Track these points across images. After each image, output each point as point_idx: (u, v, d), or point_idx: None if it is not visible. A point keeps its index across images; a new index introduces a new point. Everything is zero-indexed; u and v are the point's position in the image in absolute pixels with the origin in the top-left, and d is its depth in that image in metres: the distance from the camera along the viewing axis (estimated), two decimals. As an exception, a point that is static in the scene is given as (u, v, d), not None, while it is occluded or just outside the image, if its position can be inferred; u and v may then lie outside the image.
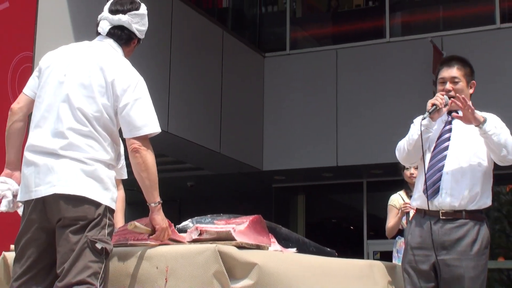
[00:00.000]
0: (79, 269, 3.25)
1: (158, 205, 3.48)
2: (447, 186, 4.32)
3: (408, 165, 4.65)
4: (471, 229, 4.30)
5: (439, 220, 4.32)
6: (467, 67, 4.57)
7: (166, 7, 10.52)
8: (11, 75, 6.89)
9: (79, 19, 8.58)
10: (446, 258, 4.24)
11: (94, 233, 3.31)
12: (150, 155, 3.44)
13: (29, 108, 3.64)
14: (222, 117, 11.71)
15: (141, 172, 3.42)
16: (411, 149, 4.45)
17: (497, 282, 13.32)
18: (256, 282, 3.20)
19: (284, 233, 4.07)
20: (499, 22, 12.13)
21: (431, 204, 4.31)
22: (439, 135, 4.48)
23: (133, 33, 3.71)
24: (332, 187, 14.21)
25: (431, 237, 4.26)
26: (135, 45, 3.78)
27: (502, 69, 11.66)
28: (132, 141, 3.43)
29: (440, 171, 4.36)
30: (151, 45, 9.39)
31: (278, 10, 14.61)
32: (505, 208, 13.65)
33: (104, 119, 3.45)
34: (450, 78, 4.49)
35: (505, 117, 4.56)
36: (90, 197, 3.34)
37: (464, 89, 4.49)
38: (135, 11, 3.71)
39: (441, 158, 4.41)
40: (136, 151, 3.41)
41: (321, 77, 12.77)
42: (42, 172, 3.38)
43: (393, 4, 13.45)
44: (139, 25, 3.72)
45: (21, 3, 7.22)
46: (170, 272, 3.30)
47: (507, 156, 4.28)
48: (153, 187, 3.46)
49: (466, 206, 4.32)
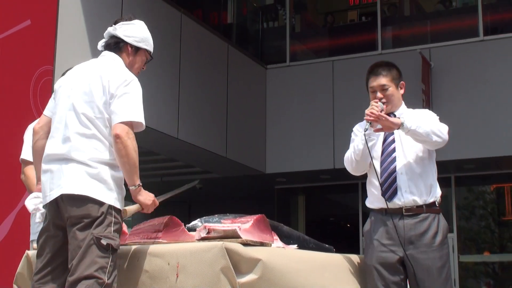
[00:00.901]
0: (87, 264, 3.25)
1: (138, 187, 3.50)
2: (405, 184, 4.21)
3: (358, 174, 4.47)
4: (432, 222, 4.19)
5: (402, 216, 4.20)
6: (393, 70, 4.42)
7: (176, 24, 10.54)
8: (33, 87, 6.90)
9: (96, 35, 8.58)
10: (414, 252, 4.13)
11: (99, 230, 3.31)
12: (131, 141, 3.41)
13: (48, 126, 3.66)
14: (228, 124, 11.71)
15: (122, 157, 3.40)
16: (359, 159, 4.32)
17: (483, 274, 13.31)
18: (260, 277, 3.20)
19: (286, 231, 4.06)
20: (483, 35, 12.12)
21: (392, 203, 4.21)
22: (384, 139, 4.36)
23: (120, 38, 3.70)
24: (330, 188, 14.20)
25: (397, 233, 4.16)
26: (133, 51, 3.72)
27: (485, 78, 11.66)
28: (115, 127, 3.41)
29: (394, 173, 4.25)
30: (162, 58, 9.39)
31: (278, 25, 14.62)
32: (490, 206, 13.63)
33: (105, 120, 3.46)
34: (378, 86, 4.35)
35: (487, 123, 4.54)
36: (93, 197, 3.35)
37: (394, 93, 4.36)
38: (124, 22, 3.76)
39: (391, 160, 4.29)
40: (117, 137, 3.38)
41: (319, 86, 12.77)
42: (56, 177, 3.43)
43: (385, 19, 13.47)
44: (127, 32, 3.71)
45: (41, 20, 7.23)
46: (180, 268, 3.30)
47: (439, 139, 4.13)
48: (133, 171, 3.44)
49: (426, 201, 4.21)
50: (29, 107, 6.80)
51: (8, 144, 6.52)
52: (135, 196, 3.53)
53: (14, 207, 6.46)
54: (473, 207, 13.46)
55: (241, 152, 12.07)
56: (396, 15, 14.14)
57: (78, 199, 3.35)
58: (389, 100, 4.35)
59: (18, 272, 3.95)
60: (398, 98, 4.42)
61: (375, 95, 4.37)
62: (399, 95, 4.43)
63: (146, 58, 3.80)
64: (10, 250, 6.15)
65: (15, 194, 6.47)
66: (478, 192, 13.57)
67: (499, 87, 11.47)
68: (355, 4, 14.77)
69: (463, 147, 11.14)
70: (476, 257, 13.30)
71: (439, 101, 11.60)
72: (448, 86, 11.79)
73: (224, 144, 11.53)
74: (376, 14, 13.34)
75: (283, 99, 13.02)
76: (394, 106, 4.40)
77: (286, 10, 14.22)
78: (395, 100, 4.39)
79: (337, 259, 4.10)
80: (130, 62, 3.70)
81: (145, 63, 3.82)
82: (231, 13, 13.99)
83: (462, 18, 13.39)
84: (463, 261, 12.83)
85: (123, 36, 3.69)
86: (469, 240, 13.37)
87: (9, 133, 6.60)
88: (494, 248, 13.41)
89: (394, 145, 4.33)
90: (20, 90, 6.82)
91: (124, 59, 3.69)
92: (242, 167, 12.44)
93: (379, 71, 4.39)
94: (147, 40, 3.77)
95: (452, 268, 12.45)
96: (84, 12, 8.48)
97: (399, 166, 4.27)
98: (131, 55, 3.72)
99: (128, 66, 3.68)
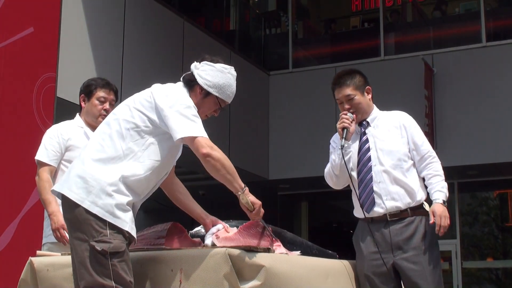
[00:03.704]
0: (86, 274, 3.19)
1: (244, 191, 3.50)
2: (385, 192, 4.18)
3: (340, 188, 4.46)
4: (419, 225, 4.16)
5: (387, 223, 4.17)
6: (356, 78, 4.38)
7: (178, 31, 10.55)
8: (35, 94, 6.92)
9: (99, 42, 8.61)
10: (404, 257, 4.10)
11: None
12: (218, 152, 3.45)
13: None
14: (231, 130, 11.72)
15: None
16: (338, 173, 4.30)
17: (486, 280, 13.29)
18: (263, 283, 3.19)
19: (289, 237, 4.06)
20: (485, 41, 12.13)
21: (373, 212, 4.19)
22: (359, 148, 4.33)
23: (193, 76, 3.57)
24: (333, 194, 14.07)
25: (385, 240, 4.15)
26: (202, 94, 3.58)
27: (488, 83, 11.66)
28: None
29: (371, 183, 4.22)
30: (164, 64, 9.41)
31: (281, 32, 14.65)
32: (493, 212, 13.62)
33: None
34: (344, 97, 4.34)
35: (490, 129, 4.54)
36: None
37: (361, 100, 4.33)
38: (208, 62, 3.60)
39: (367, 170, 4.25)
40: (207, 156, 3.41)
41: (321, 93, 12.74)
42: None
43: (387, 25, 13.49)
44: (205, 73, 3.56)
45: (44, 28, 7.25)
46: (184, 274, 3.30)
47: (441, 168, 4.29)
48: (235, 178, 3.46)
49: (409, 204, 4.18)
50: (32, 114, 6.81)
51: (11, 150, 6.54)
52: (240, 202, 3.53)
53: (18, 213, 6.47)
54: (476, 213, 13.45)
55: (244, 159, 12.07)
56: (399, 21, 14.15)
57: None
58: (357, 109, 4.33)
59: (21, 279, 3.93)
60: (367, 104, 4.38)
61: (343, 106, 4.36)
62: (367, 101, 4.39)
63: (219, 105, 3.66)
64: (13, 256, 6.16)
65: (19, 200, 6.48)
66: (481, 198, 13.56)
67: (502, 92, 11.47)
68: (358, 11, 14.78)
69: (466, 153, 11.15)
70: (479, 263, 13.28)
71: (442, 107, 11.60)
72: (450, 92, 11.79)
73: (227, 150, 11.53)
74: (378, 21, 13.36)
75: (285, 105, 13.03)
76: (364, 113, 4.37)
77: (289, 16, 14.24)
78: (364, 107, 4.36)
79: (340, 266, 4.10)
80: (197, 103, 3.56)
81: (217, 110, 3.70)
82: (233, 20, 14.01)
83: (465, 24, 13.41)
84: (467, 267, 12.81)
85: (197, 75, 3.56)
86: (473, 246, 13.35)
87: (12, 139, 6.61)
88: (497, 254, 13.39)
89: (370, 153, 4.30)
90: (23, 97, 6.83)
91: (192, 97, 3.56)
92: (245, 174, 12.42)
93: (341, 81, 4.38)
94: (221, 87, 3.59)
95: (456, 274, 12.43)
96: (87, 20, 8.50)
97: (376, 174, 4.24)
98: (200, 97, 3.58)
99: (196, 102, 3.57)
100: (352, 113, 4.29)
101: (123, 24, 9.21)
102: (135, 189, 3.36)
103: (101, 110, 4.74)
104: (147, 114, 3.42)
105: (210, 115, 3.71)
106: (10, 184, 6.48)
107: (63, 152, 4.65)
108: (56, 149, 4.64)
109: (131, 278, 3.23)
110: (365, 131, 4.37)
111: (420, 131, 4.39)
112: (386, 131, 4.33)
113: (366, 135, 4.35)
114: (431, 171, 4.24)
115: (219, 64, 3.61)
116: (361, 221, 4.33)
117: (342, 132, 4.23)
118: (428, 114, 11.18)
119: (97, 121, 4.68)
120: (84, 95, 4.82)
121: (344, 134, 4.21)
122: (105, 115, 4.68)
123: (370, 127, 4.38)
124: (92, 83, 4.82)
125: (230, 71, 3.65)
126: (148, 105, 3.44)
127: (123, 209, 3.29)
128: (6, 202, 6.46)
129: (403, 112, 4.47)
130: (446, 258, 12.25)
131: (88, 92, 4.79)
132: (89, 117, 4.77)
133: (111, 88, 4.84)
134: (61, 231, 4.41)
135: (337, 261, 4.16)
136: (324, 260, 3.96)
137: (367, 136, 4.35)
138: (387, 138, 4.30)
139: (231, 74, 3.65)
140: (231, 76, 3.65)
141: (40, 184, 4.59)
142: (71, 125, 4.79)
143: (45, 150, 4.64)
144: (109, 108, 4.74)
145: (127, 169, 3.33)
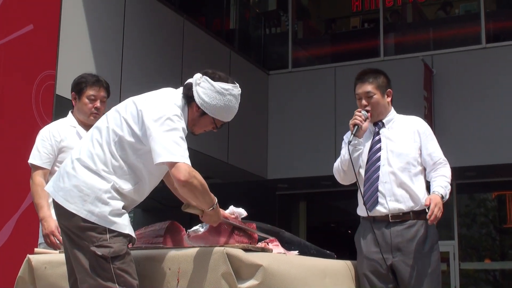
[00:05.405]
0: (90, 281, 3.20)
1: (212, 209, 3.42)
2: (389, 193, 4.21)
3: (346, 183, 4.46)
4: (420, 229, 4.18)
5: (389, 223, 4.20)
6: (380, 78, 4.38)
7: (178, 29, 10.54)
8: (35, 91, 6.91)
9: (99, 40, 8.60)
10: (402, 259, 4.13)
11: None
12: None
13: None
14: (230, 130, 11.71)
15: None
16: (346, 169, 4.34)
17: (484, 281, 13.29)
18: (261, 283, 3.19)
19: (287, 237, 4.06)
20: (485, 42, 12.13)
21: (375, 212, 4.22)
22: (370, 147, 4.36)
23: (192, 92, 3.43)
24: (331, 194, 14.17)
25: (385, 240, 4.17)
26: (199, 112, 3.45)
27: (487, 85, 11.66)
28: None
29: (376, 182, 4.25)
30: (164, 63, 9.41)
31: (281, 31, 14.64)
32: (491, 214, 13.62)
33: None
34: (364, 93, 4.34)
35: (489, 130, 4.54)
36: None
37: (379, 101, 4.34)
38: (208, 78, 3.44)
39: (375, 169, 4.28)
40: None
41: (321, 93, 12.77)
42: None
43: (387, 26, 13.48)
44: (203, 92, 3.40)
45: (44, 25, 7.24)
46: (181, 273, 3.30)
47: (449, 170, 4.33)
48: (205, 197, 3.39)
49: (412, 208, 4.21)
50: (31, 112, 6.80)
51: (9, 149, 6.53)
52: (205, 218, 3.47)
53: (15, 211, 6.46)
54: (474, 215, 13.45)
55: (242, 158, 12.07)
56: (399, 22, 14.15)
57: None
58: (374, 108, 4.34)
59: (19, 276, 3.93)
60: (385, 106, 4.40)
61: (360, 102, 4.37)
62: (385, 103, 4.40)
63: (215, 125, 3.56)
64: (11, 254, 6.15)
65: (17, 198, 6.47)
66: (480, 200, 13.55)
67: (501, 94, 11.47)
68: (358, 11, 14.77)
69: (465, 154, 11.14)
70: (477, 264, 13.28)
71: (441, 108, 11.60)
72: (450, 93, 11.79)
73: (226, 149, 11.52)
74: (378, 21, 13.36)
75: (285, 105, 13.02)
76: (380, 114, 4.39)
77: (289, 16, 14.23)
78: (380, 107, 4.37)
79: (338, 266, 4.10)
80: (193, 119, 3.49)
81: (215, 128, 3.59)
82: (233, 19, 14.00)
83: (465, 26, 13.41)
84: (464, 268, 12.81)
85: (195, 92, 3.41)
86: (470, 247, 13.35)
87: (11, 137, 6.60)
88: (495, 255, 13.39)
89: (380, 153, 4.32)
90: (22, 94, 6.82)
91: (189, 112, 3.46)
92: (244, 173, 12.43)
93: (365, 78, 4.39)
94: (217, 110, 3.45)
95: (453, 276, 12.43)
96: (87, 17, 8.50)
97: (383, 175, 4.27)
98: (196, 114, 3.47)
99: (190, 122, 3.48)
100: (367, 112, 4.31)
101: (123, 22, 9.20)
102: (129, 196, 3.38)
103: (92, 109, 4.70)
104: (134, 128, 3.33)
105: (209, 130, 3.62)
106: (9, 181, 6.47)
107: (56, 154, 4.62)
108: (49, 152, 4.61)
109: (135, 279, 3.24)
110: (379, 131, 4.40)
111: (434, 138, 4.40)
112: (400, 133, 4.36)
113: (379, 135, 4.39)
114: (438, 172, 4.26)
115: (219, 84, 3.44)
116: (364, 220, 4.35)
117: (353, 128, 4.26)
118: (427, 115, 11.17)
119: (88, 119, 4.67)
120: (74, 93, 4.78)
121: (354, 130, 4.25)
122: (96, 113, 4.67)
123: (384, 128, 4.41)
124: (82, 80, 4.77)
125: (231, 92, 3.48)
126: (135, 119, 3.34)
127: (120, 214, 3.29)
128: (4, 199, 6.45)
129: (420, 118, 4.50)
130: (444, 259, 12.24)
131: (78, 90, 4.75)
132: (81, 116, 4.75)
133: (101, 84, 4.77)
134: (51, 237, 4.39)
135: (335, 261, 4.16)
136: (322, 260, 3.96)
137: (380, 136, 4.39)
138: (399, 141, 4.34)
139: (231, 96, 3.48)
140: (231, 98, 3.48)
141: (33, 188, 4.56)
142: (63, 125, 4.75)
143: (38, 153, 4.61)
144: (100, 106, 4.71)
145: (118, 181, 3.31)
